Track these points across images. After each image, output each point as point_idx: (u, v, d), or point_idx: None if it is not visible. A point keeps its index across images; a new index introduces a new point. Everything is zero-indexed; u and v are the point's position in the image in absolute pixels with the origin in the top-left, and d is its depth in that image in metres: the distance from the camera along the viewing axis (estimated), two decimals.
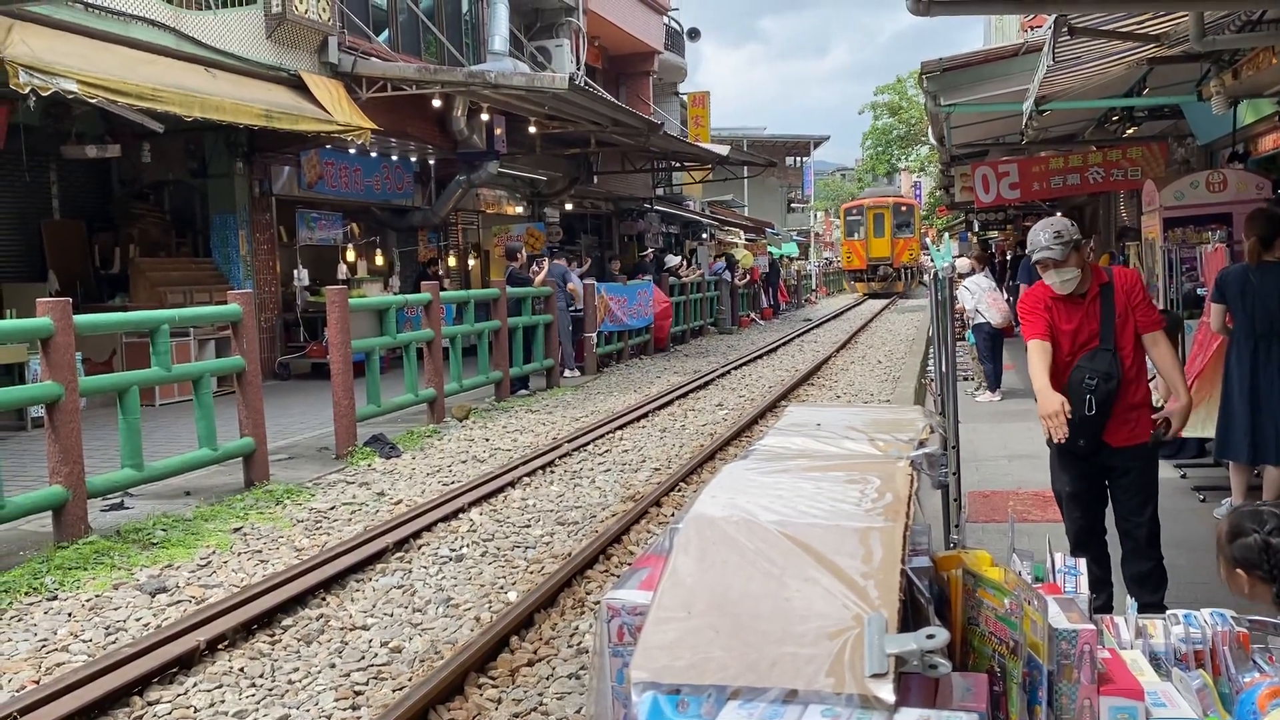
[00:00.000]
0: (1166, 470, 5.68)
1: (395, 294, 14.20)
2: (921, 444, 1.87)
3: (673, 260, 21.25)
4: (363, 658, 4.51)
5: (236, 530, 6.52)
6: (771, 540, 1.26)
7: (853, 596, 1.16)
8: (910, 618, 1.40)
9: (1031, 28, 13.39)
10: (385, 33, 16.08)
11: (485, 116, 15.61)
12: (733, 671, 1.09)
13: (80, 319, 6.35)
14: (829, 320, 27.30)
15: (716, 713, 1.03)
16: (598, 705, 1.32)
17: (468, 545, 6.19)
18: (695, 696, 1.07)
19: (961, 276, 11.32)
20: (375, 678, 4.32)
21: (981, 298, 10.99)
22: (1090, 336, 4.03)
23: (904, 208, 40.71)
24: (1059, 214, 4.25)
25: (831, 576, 1.18)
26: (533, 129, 16.71)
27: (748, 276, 26.21)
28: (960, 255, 14.11)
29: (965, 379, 11.85)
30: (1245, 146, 8.64)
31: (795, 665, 1.07)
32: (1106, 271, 4.13)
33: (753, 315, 27.36)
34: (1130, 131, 11.08)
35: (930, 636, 1.10)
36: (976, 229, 28.60)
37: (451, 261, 17.86)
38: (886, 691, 1.04)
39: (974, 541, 4.68)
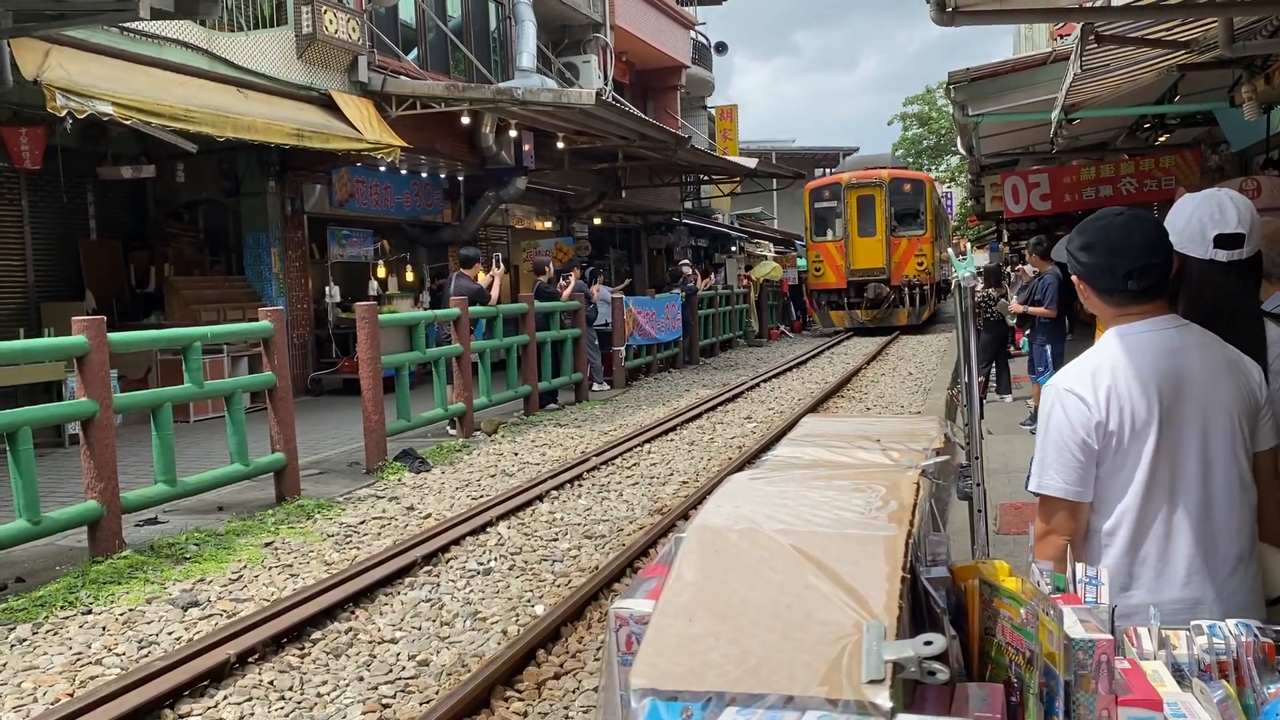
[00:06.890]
0: None
1: (425, 310, 14.30)
2: (937, 453, 1.86)
3: (685, 269, 20.95)
4: (390, 671, 4.54)
5: (267, 545, 6.59)
6: (773, 548, 1.26)
7: (852, 604, 1.16)
8: (926, 627, 1.39)
9: (1061, 36, 13.33)
10: (414, 51, 16.26)
11: (513, 133, 15.72)
12: (731, 678, 1.10)
13: (114, 337, 6.46)
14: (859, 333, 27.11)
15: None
16: (606, 714, 1.33)
17: (495, 559, 6.21)
18: (696, 703, 1.08)
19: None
20: (403, 691, 4.34)
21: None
22: None
23: (908, 186, 24.82)
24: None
25: (832, 584, 1.19)
26: (561, 144, 16.81)
27: (747, 282, 25.58)
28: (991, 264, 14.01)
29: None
30: None
31: (793, 671, 1.08)
32: None
33: (782, 328, 27.31)
34: (1163, 139, 10.98)
35: (928, 643, 1.09)
36: (1006, 239, 28.36)
37: (480, 277, 17.96)
38: (883, 697, 1.04)
39: (1004, 554, 4.64)
